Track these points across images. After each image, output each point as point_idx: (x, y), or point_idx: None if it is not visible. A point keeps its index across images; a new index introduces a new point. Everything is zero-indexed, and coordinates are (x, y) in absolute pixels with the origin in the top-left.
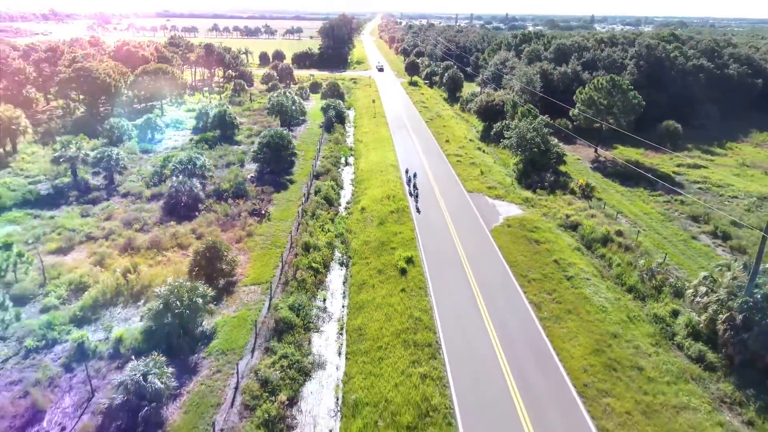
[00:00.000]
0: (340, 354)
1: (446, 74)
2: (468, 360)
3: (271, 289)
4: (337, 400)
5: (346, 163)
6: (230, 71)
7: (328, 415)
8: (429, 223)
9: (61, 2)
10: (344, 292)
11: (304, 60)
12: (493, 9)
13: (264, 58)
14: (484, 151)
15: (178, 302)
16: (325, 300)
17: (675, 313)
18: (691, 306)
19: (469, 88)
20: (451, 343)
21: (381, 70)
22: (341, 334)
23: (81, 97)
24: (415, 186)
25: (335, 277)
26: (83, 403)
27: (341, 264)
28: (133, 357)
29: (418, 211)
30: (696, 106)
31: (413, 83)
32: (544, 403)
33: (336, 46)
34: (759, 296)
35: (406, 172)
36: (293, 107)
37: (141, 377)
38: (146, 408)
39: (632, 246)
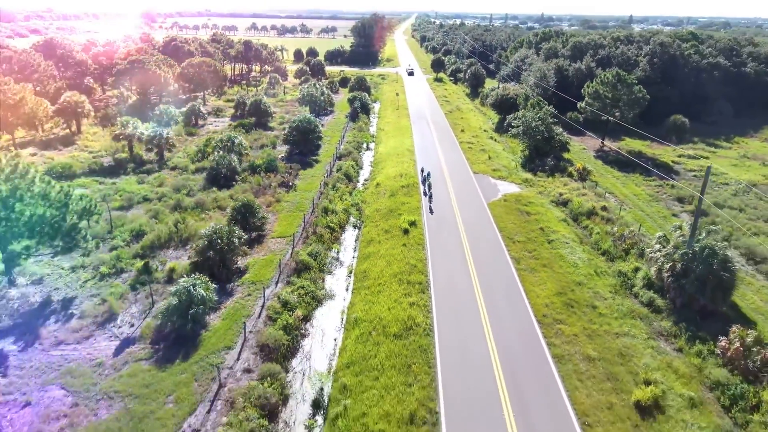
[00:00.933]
0: (347, 290)
1: (469, 71)
2: (450, 295)
3: (293, 240)
4: (342, 319)
5: (367, 148)
6: (266, 66)
7: (334, 329)
8: (434, 198)
9: (110, 2)
10: (355, 247)
11: (336, 57)
12: (529, 9)
13: (298, 55)
14: (495, 140)
15: (219, 240)
16: (338, 252)
17: (636, 270)
18: (648, 261)
19: (491, 84)
20: (439, 283)
21: (411, 74)
22: (349, 276)
23: (133, 87)
24: (429, 186)
25: (348, 236)
26: (146, 310)
27: (354, 226)
28: (184, 276)
29: (431, 211)
30: (709, 103)
31: (438, 79)
32: (507, 325)
33: (367, 44)
34: (697, 248)
35: (422, 171)
36: (322, 98)
37: (191, 287)
38: (194, 309)
39: (614, 219)
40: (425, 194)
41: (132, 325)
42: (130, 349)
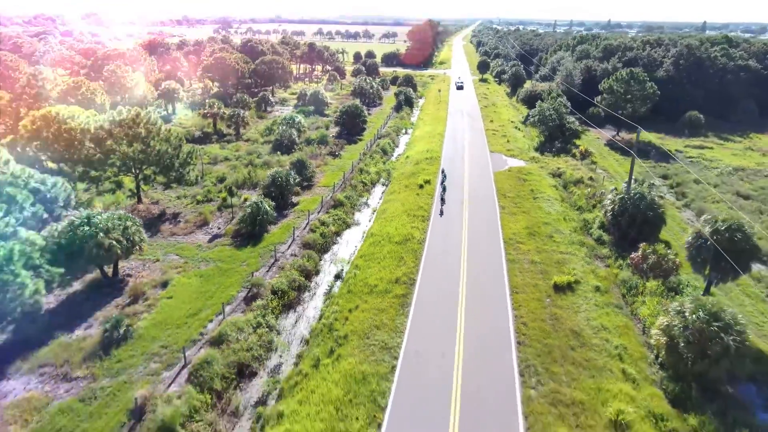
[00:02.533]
0: (369, 221)
1: (510, 71)
2: (444, 224)
3: (334, 188)
4: (362, 236)
5: (405, 132)
6: (327, 66)
7: (356, 241)
8: (450, 167)
9: (191, 8)
10: (380, 197)
11: (391, 60)
12: (598, 16)
13: (357, 57)
14: (519, 129)
15: (279, 178)
16: (367, 199)
17: (596, 218)
18: (602, 207)
19: (530, 85)
20: (437, 217)
21: (460, 88)
22: (373, 213)
23: (215, 83)
24: (444, 189)
25: (377, 190)
26: (228, 221)
27: (383, 185)
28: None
29: (441, 213)
30: (734, 103)
31: (483, 80)
32: (480, 242)
33: (421, 47)
34: (632, 193)
35: (442, 172)
36: (371, 90)
37: (259, 202)
38: (261, 217)
39: (596, 186)
40: (441, 198)
41: (219, 228)
42: (218, 240)
